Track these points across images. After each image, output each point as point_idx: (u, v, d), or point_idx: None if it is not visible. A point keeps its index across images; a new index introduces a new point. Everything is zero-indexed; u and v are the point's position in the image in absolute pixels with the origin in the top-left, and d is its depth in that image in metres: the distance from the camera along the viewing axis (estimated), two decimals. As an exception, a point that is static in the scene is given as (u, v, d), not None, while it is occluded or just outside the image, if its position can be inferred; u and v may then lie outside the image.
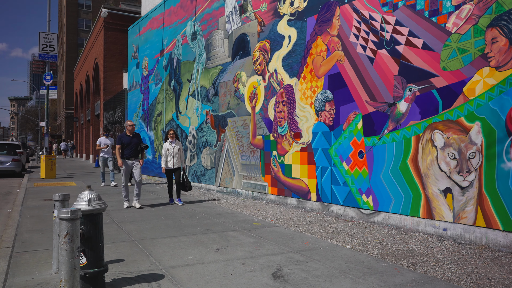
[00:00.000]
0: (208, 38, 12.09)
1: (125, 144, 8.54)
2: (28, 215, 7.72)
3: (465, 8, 5.65)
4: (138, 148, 8.66)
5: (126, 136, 8.67)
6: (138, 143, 8.71)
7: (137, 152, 8.67)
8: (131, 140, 8.62)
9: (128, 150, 8.56)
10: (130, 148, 8.57)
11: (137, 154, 8.68)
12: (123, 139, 8.59)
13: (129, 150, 8.57)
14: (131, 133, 8.71)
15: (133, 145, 8.60)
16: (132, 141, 8.61)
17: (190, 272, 4.24)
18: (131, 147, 8.57)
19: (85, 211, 3.45)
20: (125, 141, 8.57)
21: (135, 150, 8.62)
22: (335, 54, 7.62)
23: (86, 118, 35.06)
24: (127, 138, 8.64)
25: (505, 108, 5.16)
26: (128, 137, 8.64)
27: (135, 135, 8.80)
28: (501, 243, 5.17)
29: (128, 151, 8.56)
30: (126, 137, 8.64)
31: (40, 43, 17.23)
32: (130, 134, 8.70)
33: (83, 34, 58.99)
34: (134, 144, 8.63)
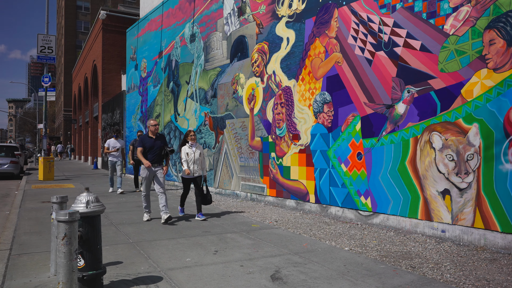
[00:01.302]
0: (206, 40, 12.10)
1: (148, 147, 7.22)
2: (26, 217, 7.70)
3: (462, 10, 5.66)
4: (162, 152, 7.29)
5: (149, 138, 7.31)
6: (163, 146, 7.32)
7: (161, 157, 7.30)
8: (154, 143, 7.26)
9: (150, 154, 7.21)
10: (153, 152, 7.23)
11: (161, 159, 7.31)
12: (145, 142, 7.26)
13: (152, 155, 7.22)
14: (154, 135, 7.34)
15: (156, 148, 7.25)
16: (155, 144, 7.25)
17: (189, 274, 4.23)
18: (154, 151, 7.23)
19: (83, 213, 3.44)
20: (147, 144, 7.24)
21: (158, 155, 7.26)
22: (333, 56, 7.63)
23: (84, 120, 35.03)
24: (150, 140, 7.29)
25: (503, 109, 5.17)
26: (151, 140, 7.29)
27: (159, 137, 7.39)
28: (499, 245, 5.17)
29: (150, 156, 7.21)
30: (148, 140, 7.29)
31: (39, 45, 17.21)
32: (153, 136, 7.33)
33: (82, 36, 59.01)
34: (158, 147, 7.27)
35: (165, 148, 7.33)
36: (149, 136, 7.35)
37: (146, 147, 7.20)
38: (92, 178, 17.43)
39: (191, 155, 7.46)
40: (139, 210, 8.51)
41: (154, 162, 7.20)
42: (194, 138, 7.56)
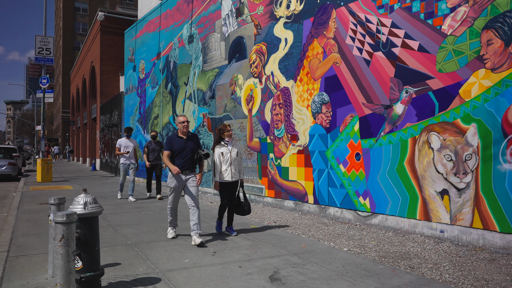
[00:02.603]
0: (204, 41, 12.09)
1: (177, 150, 5.81)
2: (24, 219, 7.67)
3: (460, 10, 5.67)
4: (195, 156, 5.87)
5: (178, 138, 5.89)
6: (195, 149, 5.89)
7: (193, 163, 5.90)
8: (185, 145, 5.84)
9: (180, 159, 5.80)
10: (184, 156, 5.81)
11: (193, 165, 5.92)
12: (174, 143, 5.87)
13: (182, 160, 5.80)
14: (185, 134, 5.91)
15: (188, 152, 5.83)
16: (186, 146, 5.84)
17: (187, 276, 4.22)
18: (185, 155, 5.81)
19: (81, 215, 3.43)
20: (176, 146, 5.83)
21: (190, 160, 5.84)
22: (332, 56, 7.63)
23: (82, 122, 34.99)
24: (180, 141, 5.86)
25: (501, 109, 5.18)
26: (181, 141, 5.86)
27: (191, 137, 5.98)
28: (498, 245, 5.17)
29: (180, 161, 5.79)
30: (177, 141, 5.87)
31: (37, 47, 17.20)
32: (183, 136, 5.90)
33: (80, 37, 58.96)
34: (190, 150, 5.85)
35: (199, 151, 5.89)
36: (178, 136, 5.90)
37: (175, 149, 5.81)
38: (90, 180, 17.41)
39: (226, 155, 6.09)
40: (137, 211, 8.50)
41: (185, 168, 5.78)
42: (231, 134, 6.18)
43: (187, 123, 5.92)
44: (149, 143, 10.86)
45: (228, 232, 6.20)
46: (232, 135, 6.25)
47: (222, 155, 6.08)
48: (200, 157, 5.88)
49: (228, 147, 6.14)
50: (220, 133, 6.22)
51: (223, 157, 6.09)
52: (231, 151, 6.13)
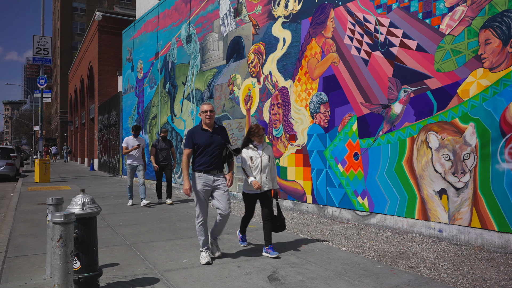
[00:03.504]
0: (202, 41, 12.08)
1: (202, 145, 4.79)
2: (22, 219, 7.65)
3: (458, 9, 5.67)
4: (224, 153, 4.89)
5: (202, 131, 4.87)
6: (224, 143, 4.90)
7: (221, 161, 4.89)
8: (212, 139, 4.83)
9: (206, 156, 4.79)
10: (211, 153, 4.80)
11: (221, 164, 4.90)
12: (197, 138, 4.83)
13: (209, 157, 4.79)
14: (210, 127, 4.89)
15: (215, 147, 4.83)
16: (213, 141, 4.83)
17: (185, 276, 4.21)
18: (211, 151, 4.81)
19: (78, 215, 3.42)
20: (200, 140, 4.81)
21: (218, 157, 4.84)
22: (330, 56, 7.63)
23: (80, 122, 34.94)
24: (204, 135, 4.84)
25: (499, 109, 5.18)
26: (206, 134, 4.85)
27: (218, 130, 4.97)
28: (496, 244, 5.18)
29: (206, 158, 4.79)
30: (202, 134, 4.85)
31: (34, 47, 17.16)
32: (209, 128, 4.88)
33: (78, 37, 58.85)
34: (217, 146, 4.84)
35: (228, 146, 4.90)
36: (202, 129, 4.87)
37: (200, 145, 4.78)
38: (88, 180, 17.38)
39: (256, 160, 5.08)
40: (135, 212, 8.48)
41: (211, 168, 4.78)
42: (262, 134, 5.16)
43: (211, 113, 4.84)
44: (157, 142, 9.93)
45: (267, 254, 4.93)
46: (263, 138, 5.19)
47: (250, 160, 5.08)
48: (229, 154, 4.88)
49: (258, 151, 5.14)
50: (250, 134, 5.19)
51: (252, 162, 5.08)
52: (262, 155, 5.11)
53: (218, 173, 4.86)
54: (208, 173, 4.78)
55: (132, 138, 9.59)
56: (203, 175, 4.76)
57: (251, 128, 5.21)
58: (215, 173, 4.82)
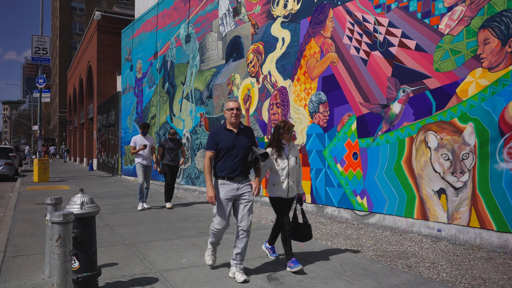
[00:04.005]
0: (201, 41, 12.08)
1: (224, 148, 4.17)
2: (20, 219, 7.64)
3: (457, 9, 5.67)
4: (250, 157, 4.24)
5: (226, 132, 4.24)
6: (250, 146, 4.27)
7: (247, 166, 4.28)
8: (236, 141, 4.21)
9: (230, 160, 4.17)
10: (235, 156, 4.18)
11: (247, 169, 4.30)
12: (221, 139, 4.20)
13: (233, 161, 4.18)
14: (235, 127, 4.26)
15: (240, 150, 4.20)
16: (238, 143, 4.21)
17: (184, 275, 4.21)
18: (236, 155, 4.18)
19: (77, 215, 3.41)
20: (224, 142, 4.19)
21: (244, 161, 4.23)
22: (329, 56, 7.63)
23: (79, 121, 34.90)
24: (228, 136, 4.22)
25: (498, 108, 5.19)
26: (230, 135, 4.22)
27: (244, 131, 4.32)
28: (495, 244, 5.19)
29: (229, 163, 4.17)
30: (225, 135, 4.22)
31: (33, 46, 17.13)
32: (233, 129, 4.25)
33: (77, 37, 58.78)
34: (243, 148, 4.22)
35: (254, 149, 4.25)
36: (226, 129, 4.25)
37: (222, 147, 4.17)
38: (87, 180, 17.36)
39: (283, 163, 4.52)
40: (134, 211, 8.47)
41: (236, 174, 4.19)
42: (292, 131, 4.61)
43: (238, 111, 4.20)
44: (165, 141, 9.10)
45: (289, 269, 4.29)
46: (293, 136, 4.67)
47: (276, 163, 4.52)
48: (256, 158, 4.21)
49: (285, 152, 4.58)
50: (276, 132, 4.57)
51: (277, 165, 4.51)
52: (289, 157, 4.56)
53: (243, 180, 4.25)
54: (231, 180, 4.17)
55: (140, 137, 8.94)
56: (226, 182, 4.16)
57: (278, 124, 4.57)
58: (239, 180, 4.21)
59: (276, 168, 4.52)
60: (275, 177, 4.53)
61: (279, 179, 4.52)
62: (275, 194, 4.54)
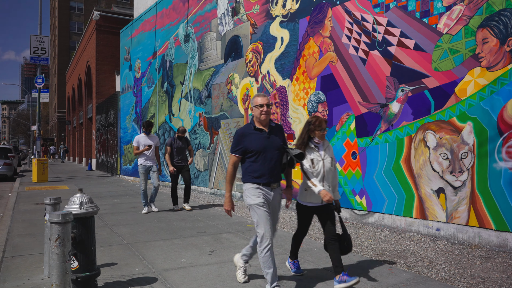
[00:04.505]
0: (200, 40, 12.07)
1: (255, 150, 3.62)
2: (19, 219, 7.64)
3: (456, 9, 5.68)
4: (284, 159, 3.73)
5: (256, 132, 3.69)
6: (282, 147, 3.76)
7: (280, 170, 3.78)
8: (268, 142, 3.68)
9: (261, 164, 3.63)
10: (268, 159, 3.65)
11: (280, 175, 3.80)
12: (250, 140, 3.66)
13: (266, 165, 3.64)
14: (266, 125, 3.72)
15: (273, 152, 3.68)
16: (270, 144, 3.68)
17: (184, 275, 4.21)
18: (269, 157, 3.65)
19: (76, 214, 3.41)
20: (254, 143, 3.64)
21: (278, 165, 3.72)
22: (328, 55, 7.64)
23: (78, 121, 34.88)
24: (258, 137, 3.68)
25: (497, 108, 5.19)
26: (260, 135, 3.68)
27: (275, 130, 3.79)
28: (494, 243, 5.19)
29: (262, 168, 3.63)
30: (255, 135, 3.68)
31: (32, 46, 17.10)
32: (264, 128, 3.71)
33: (75, 37, 58.73)
34: (276, 150, 3.70)
35: (288, 150, 3.75)
36: (256, 128, 3.70)
37: (254, 149, 3.62)
38: (86, 180, 17.35)
39: (317, 163, 3.90)
40: (133, 211, 8.47)
41: (273, 180, 3.67)
42: (325, 127, 3.98)
43: (268, 107, 3.67)
44: (173, 140, 8.52)
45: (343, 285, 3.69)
46: (325, 134, 4.01)
47: (312, 164, 3.89)
48: (291, 160, 3.70)
49: (320, 152, 3.95)
50: (310, 129, 3.98)
51: (312, 166, 3.89)
52: (324, 158, 3.93)
53: (277, 187, 3.74)
54: (267, 186, 3.62)
55: (144, 136, 8.38)
56: (262, 187, 3.62)
57: (309, 121, 4.02)
58: (274, 187, 3.68)
59: (312, 168, 3.89)
60: (306, 181, 3.91)
61: (315, 181, 3.86)
62: (307, 201, 3.94)
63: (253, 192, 3.63)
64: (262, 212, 3.58)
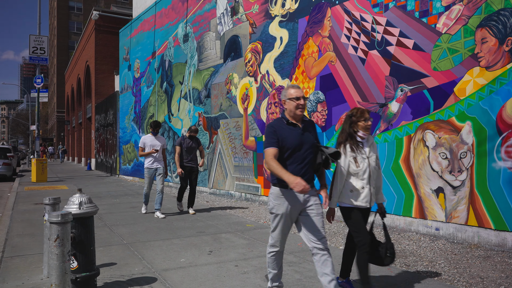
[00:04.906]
0: (199, 40, 12.07)
1: (290, 147, 3.21)
2: (18, 219, 7.63)
3: (455, 8, 5.68)
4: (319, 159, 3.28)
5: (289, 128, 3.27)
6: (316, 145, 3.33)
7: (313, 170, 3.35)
8: (303, 139, 3.26)
9: (295, 164, 3.24)
10: (301, 159, 3.26)
11: (313, 175, 3.39)
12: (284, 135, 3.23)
13: (299, 165, 3.24)
14: (299, 120, 3.31)
15: (307, 150, 3.27)
16: (304, 141, 3.26)
17: (183, 275, 4.21)
18: (303, 156, 3.25)
19: (76, 215, 3.41)
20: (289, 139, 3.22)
21: (312, 164, 3.31)
22: (327, 55, 7.64)
23: (77, 121, 34.86)
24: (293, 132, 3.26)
25: (496, 107, 5.20)
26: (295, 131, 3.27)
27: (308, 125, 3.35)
28: (493, 242, 5.20)
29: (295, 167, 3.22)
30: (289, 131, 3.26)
31: (31, 46, 17.08)
32: (297, 123, 3.30)
33: (74, 36, 58.69)
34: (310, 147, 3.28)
35: (322, 148, 3.29)
36: (289, 122, 3.28)
37: (288, 146, 3.21)
38: (85, 180, 17.34)
39: (362, 162, 3.46)
40: (133, 211, 8.47)
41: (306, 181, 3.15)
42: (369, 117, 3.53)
43: (305, 100, 3.27)
44: (183, 139, 8.06)
45: None
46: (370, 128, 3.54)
47: (355, 163, 3.45)
48: (326, 160, 3.24)
49: (365, 149, 3.50)
50: (352, 122, 3.53)
51: (356, 165, 3.45)
52: (369, 155, 3.49)
53: (311, 188, 3.27)
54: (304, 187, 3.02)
55: (151, 137, 7.90)
56: (291, 191, 3.17)
57: (350, 113, 3.55)
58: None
59: (355, 170, 3.44)
60: (351, 182, 3.48)
61: (359, 183, 3.45)
62: (353, 204, 3.48)
63: (278, 200, 3.23)
64: (283, 221, 3.24)
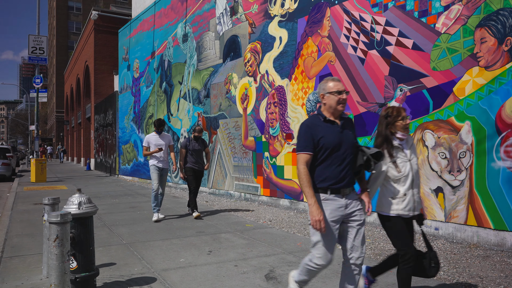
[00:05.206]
0: (199, 40, 12.07)
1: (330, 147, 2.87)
2: (18, 219, 7.63)
3: (454, 8, 5.69)
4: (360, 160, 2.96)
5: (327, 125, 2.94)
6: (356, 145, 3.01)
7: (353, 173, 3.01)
8: (342, 137, 2.92)
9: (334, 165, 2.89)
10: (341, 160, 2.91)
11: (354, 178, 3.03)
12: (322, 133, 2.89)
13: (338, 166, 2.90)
14: (338, 117, 2.97)
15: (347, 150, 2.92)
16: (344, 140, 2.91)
17: (183, 275, 4.21)
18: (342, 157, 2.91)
19: (75, 215, 3.41)
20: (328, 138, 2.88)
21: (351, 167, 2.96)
22: (326, 55, 7.64)
23: (77, 121, 34.84)
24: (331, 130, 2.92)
25: (495, 107, 5.20)
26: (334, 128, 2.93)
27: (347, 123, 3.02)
28: (492, 242, 5.20)
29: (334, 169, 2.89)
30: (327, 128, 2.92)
31: (30, 46, 17.07)
32: (335, 120, 2.96)
33: (73, 36, 58.65)
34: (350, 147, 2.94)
35: (362, 148, 3.00)
36: (327, 119, 2.96)
37: (327, 145, 2.88)
38: (85, 180, 17.34)
39: (404, 166, 3.15)
40: (132, 211, 8.47)
41: (343, 185, 2.92)
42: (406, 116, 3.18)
43: (347, 94, 2.97)
44: (188, 141, 7.75)
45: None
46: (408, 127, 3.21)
47: (395, 168, 3.13)
48: (368, 161, 2.95)
49: (405, 151, 3.18)
50: (388, 123, 3.18)
51: (397, 170, 3.13)
52: (411, 158, 3.19)
53: (351, 192, 2.99)
54: (337, 193, 2.88)
55: (155, 136, 7.56)
56: (330, 197, 2.89)
57: (384, 114, 3.22)
58: (346, 192, 2.93)
59: (396, 175, 3.13)
60: (392, 188, 3.18)
61: (400, 189, 3.15)
62: (394, 212, 3.19)
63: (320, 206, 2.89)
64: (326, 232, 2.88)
